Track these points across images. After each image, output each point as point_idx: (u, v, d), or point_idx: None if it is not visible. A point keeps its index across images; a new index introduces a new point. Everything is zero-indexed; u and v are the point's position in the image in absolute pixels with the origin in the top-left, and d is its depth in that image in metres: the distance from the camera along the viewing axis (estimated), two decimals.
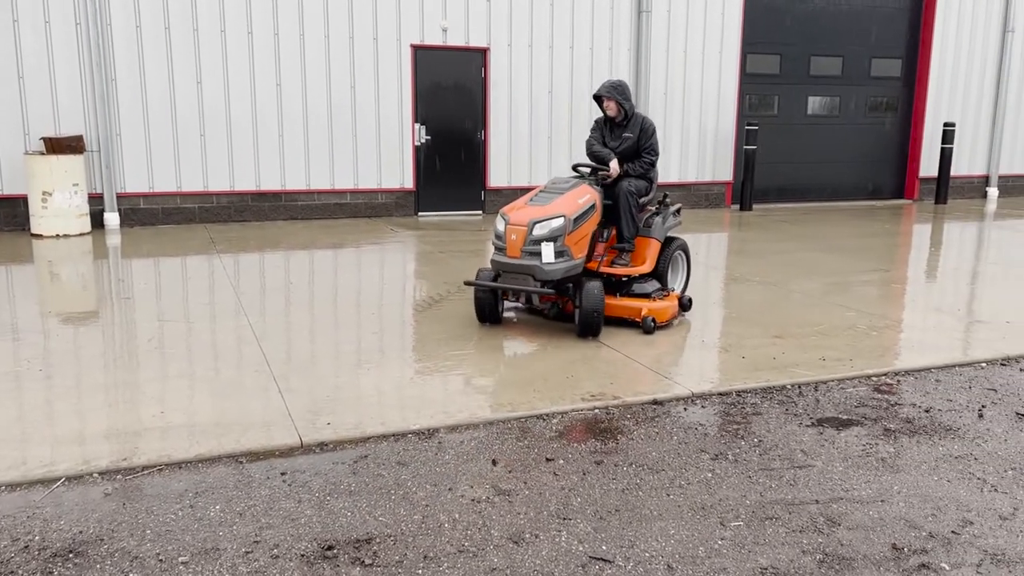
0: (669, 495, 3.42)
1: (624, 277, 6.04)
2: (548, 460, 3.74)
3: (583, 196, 5.78)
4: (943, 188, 14.32)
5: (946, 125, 14.10)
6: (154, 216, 10.60)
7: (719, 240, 10.70)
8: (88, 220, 9.88)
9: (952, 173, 14.49)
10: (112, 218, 10.26)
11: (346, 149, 11.28)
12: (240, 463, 3.65)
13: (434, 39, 11.49)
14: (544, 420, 4.22)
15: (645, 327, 5.73)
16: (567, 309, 5.97)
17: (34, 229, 9.58)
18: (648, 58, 12.49)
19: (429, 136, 11.74)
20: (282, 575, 2.79)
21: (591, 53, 12.32)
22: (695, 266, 8.69)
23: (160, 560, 2.86)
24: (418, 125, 11.63)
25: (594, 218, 5.82)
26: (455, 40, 11.60)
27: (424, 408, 4.31)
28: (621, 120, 6.19)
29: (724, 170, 13.49)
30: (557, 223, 5.53)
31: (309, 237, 9.92)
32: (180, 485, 3.43)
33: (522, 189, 12.15)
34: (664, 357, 5.31)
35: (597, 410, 4.36)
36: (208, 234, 10.00)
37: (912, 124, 14.78)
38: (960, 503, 3.38)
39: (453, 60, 11.70)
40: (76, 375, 4.82)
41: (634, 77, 12.55)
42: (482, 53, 11.77)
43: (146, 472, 3.54)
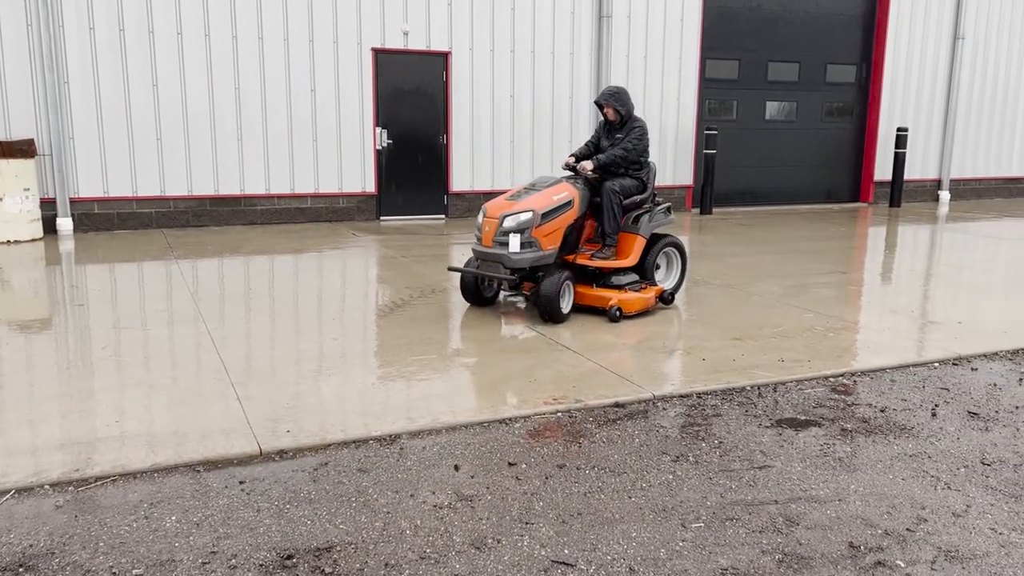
0: (631, 498, 3.44)
1: (597, 269, 6.47)
2: (511, 465, 3.73)
3: (559, 193, 6.29)
4: (897, 192, 14.62)
5: (899, 130, 14.41)
6: (109, 221, 10.40)
7: None
8: (40, 226, 9.66)
9: (905, 177, 14.81)
10: (65, 223, 10.05)
11: (306, 153, 11.18)
12: (197, 472, 3.59)
13: (395, 43, 11.44)
14: (507, 424, 4.21)
15: (610, 315, 6.19)
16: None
17: None
18: (609, 63, 12.57)
19: (391, 140, 11.69)
20: None
21: (552, 57, 12.37)
22: None
23: (113, 573, 2.80)
24: (380, 129, 11.57)
25: (569, 214, 6.30)
26: (416, 44, 11.57)
27: (386, 414, 4.28)
28: (618, 123, 6.70)
29: (684, 174, 13.62)
30: (525, 217, 6.08)
31: (269, 242, 9.81)
32: (135, 496, 3.36)
33: (485, 193, 12.17)
34: (626, 360, 5.34)
35: (559, 413, 4.37)
36: (165, 239, 9.83)
37: (866, 129, 15.08)
38: (915, 501, 3.45)
39: (414, 64, 11.67)
40: (28, 384, 4.70)
41: (595, 81, 12.63)
42: (443, 57, 11.76)
43: (100, 483, 3.46)
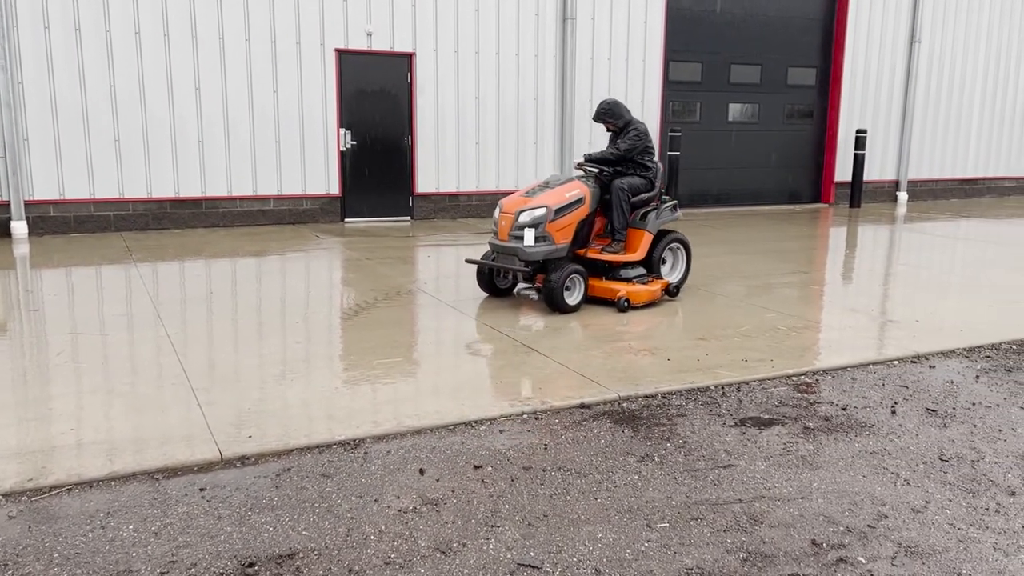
0: (597, 499, 3.44)
1: (607, 263, 6.90)
2: (476, 467, 3.71)
3: (572, 191, 6.72)
4: (857, 192, 14.86)
5: (858, 132, 14.65)
6: (66, 224, 10.18)
7: None
8: None
9: (865, 178, 15.06)
10: (20, 227, 9.82)
11: (269, 154, 11.06)
12: (156, 480, 3.52)
13: (359, 44, 11.36)
14: (472, 427, 4.19)
15: (619, 306, 6.59)
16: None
17: None
18: (573, 65, 12.61)
19: (355, 141, 11.61)
20: None
21: (517, 59, 12.38)
22: None
23: None
24: (343, 130, 11.48)
25: (581, 210, 6.73)
26: (380, 45, 11.50)
27: (350, 418, 4.24)
28: (618, 131, 7.20)
29: None
30: (539, 212, 6.51)
31: (231, 245, 9.67)
32: (91, 505, 3.28)
33: (451, 195, 12.14)
34: (592, 361, 5.35)
35: (526, 415, 4.36)
36: (124, 243, 9.65)
37: (827, 131, 15.31)
38: (875, 497, 3.49)
39: (378, 65, 11.60)
40: None
41: (560, 84, 12.66)
42: (408, 58, 11.70)
43: (55, 492, 3.38)
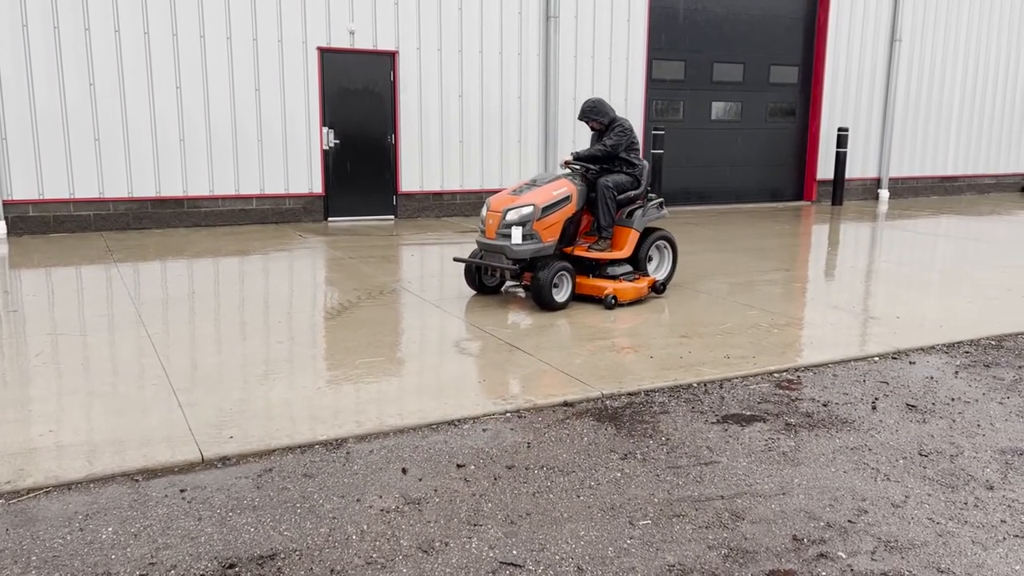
0: (579, 496, 3.44)
1: (594, 261, 6.92)
2: (459, 466, 3.71)
3: (558, 189, 6.73)
4: (839, 190, 14.95)
5: (840, 130, 14.74)
6: (45, 224, 10.08)
7: None
8: None
9: (847, 176, 15.16)
10: None
11: (251, 153, 10.99)
12: (136, 481, 3.49)
13: (341, 42, 11.31)
14: (455, 426, 4.19)
15: (606, 303, 6.63)
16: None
17: None
18: (556, 63, 12.62)
19: (338, 140, 11.56)
20: None
21: (500, 58, 12.36)
22: None
23: None
24: (326, 129, 11.43)
25: (568, 208, 6.74)
26: (363, 43, 11.46)
27: (333, 418, 4.22)
28: (604, 130, 7.22)
29: None
30: (527, 210, 6.53)
31: (213, 244, 9.61)
32: (70, 507, 3.25)
33: (435, 194, 12.12)
34: (575, 360, 5.36)
35: (509, 414, 4.36)
36: (105, 243, 9.57)
37: (809, 129, 15.39)
38: (856, 493, 3.52)
39: (361, 63, 11.55)
40: None
41: (543, 82, 12.66)
42: (391, 56, 11.67)
43: (32, 495, 3.35)
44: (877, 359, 5.47)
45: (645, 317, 6.52)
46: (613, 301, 6.63)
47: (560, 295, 6.58)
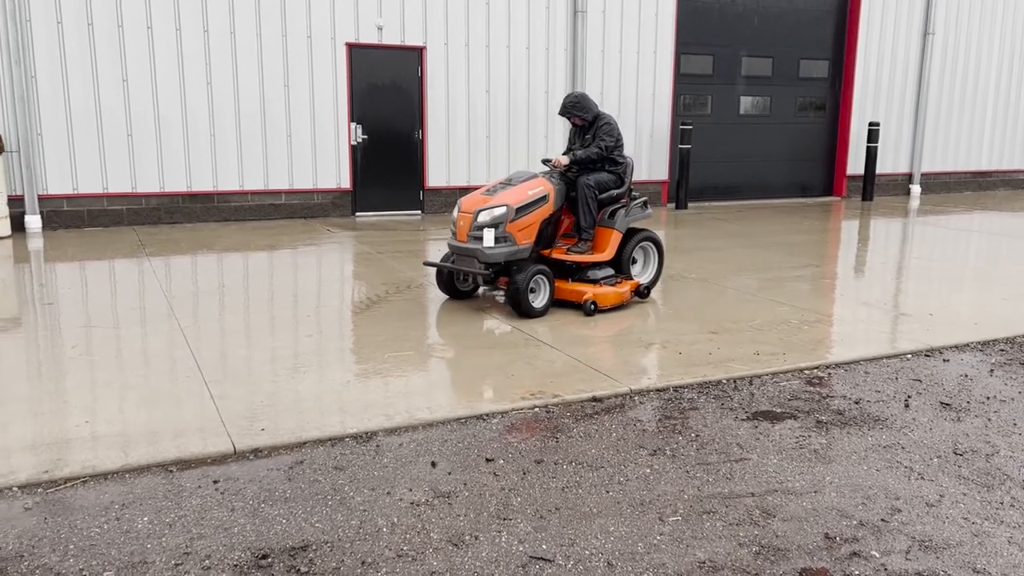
0: (608, 492, 3.44)
1: (574, 264, 6.55)
2: (488, 460, 3.72)
3: (534, 188, 6.35)
4: (869, 185, 14.77)
5: (871, 124, 14.56)
6: (79, 218, 10.24)
7: None
8: (8, 223, 9.48)
9: (877, 171, 14.96)
10: (33, 221, 9.87)
11: (280, 149, 11.08)
12: (170, 472, 3.54)
13: (369, 38, 11.36)
14: (484, 420, 4.19)
15: (585, 309, 6.24)
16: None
17: None
18: (584, 58, 12.57)
19: (366, 136, 11.61)
20: None
21: (528, 53, 12.34)
22: None
23: None
24: (354, 124, 11.48)
25: (544, 208, 6.36)
26: (391, 39, 11.49)
27: (362, 411, 4.25)
28: (587, 126, 6.81)
29: (660, 169, 13.66)
30: (499, 211, 6.13)
31: (243, 239, 9.71)
32: (106, 497, 3.30)
33: (461, 189, 12.13)
34: (603, 354, 5.34)
35: (537, 408, 4.36)
36: (137, 236, 9.70)
37: (839, 123, 15.21)
38: (889, 491, 3.48)
39: (389, 59, 11.59)
40: None
41: (570, 77, 12.63)
42: (418, 52, 11.69)
43: (70, 484, 3.40)
44: (910, 356, 5.40)
45: (673, 312, 6.48)
46: (593, 307, 6.24)
47: (538, 300, 6.21)
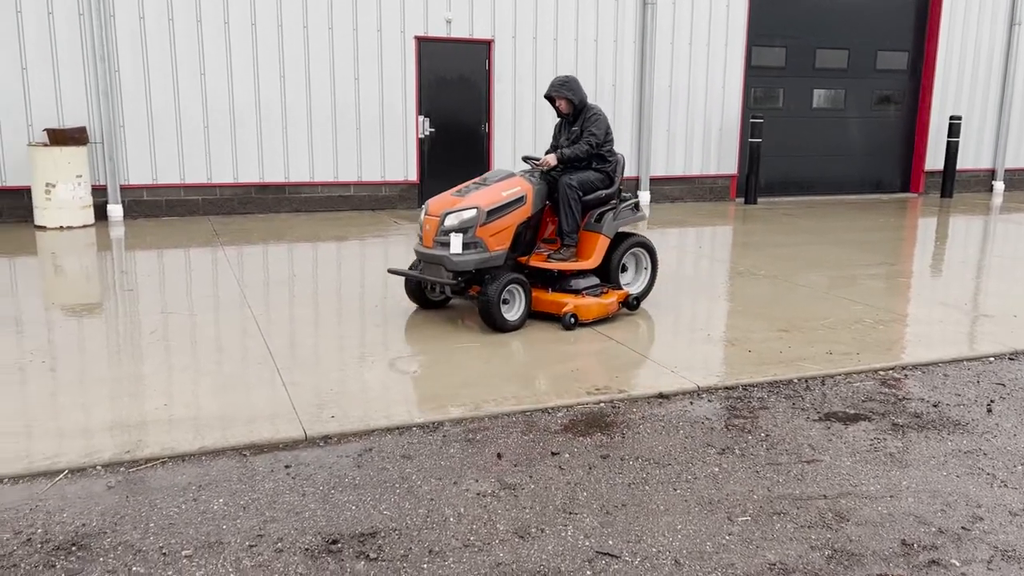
0: (676, 490, 3.40)
1: (557, 271, 5.93)
2: (553, 454, 3.71)
3: (510, 188, 5.75)
4: (949, 182, 14.24)
5: (952, 118, 14.02)
6: (158, 208, 10.58)
7: (724, 233, 10.66)
8: (91, 212, 9.85)
9: (958, 167, 14.41)
10: (115, 210, 10.24)
11: (349, 141, 11.25)
12: (244, 456, 3.63)
13: (438, 31, 11.43)
14: (549, 413, 4.19)
15: (564, 323, 5.63)
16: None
17: (38, 221, 9.56)
18: (653, 50, 12.42)
19: (433, 128, 11.70)
20: (286, 569, 2.77)
21: (596, 45, 12.26)
22: (700, 259, 8.67)
23: (163, 554, 2.84)
24: (422, 117, 11.58)
25: (521, 211, 5.74)
26: (459, 32, 11.55)
27: (428, 401, 4.29)
28: (572, 115, 6.12)
29: (729, 163, 13.42)
30: (468, 215, 5.52)
31: (312, 229, 9.89)
32: (183, 478, 3.41)
33: None
34: (670, 351, 5.28)
35: (602, 403, 4.33)
36: (212, 226, 9.97)
37: (918, 117, 14.69)
38: (970, 499, 3.35)
39: (457, 52, 11.65)
40: (79, 368, 4.80)
41: (639, 69, 12.49)
42: (486, 45, 11.72)
43: (149, 465, 3.52)
44: (992, 359, 5.20)
45: (741, 309, 6.36)
46: (572, 321, 5.63)
47: (512, 313, 5.62)
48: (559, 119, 6.28)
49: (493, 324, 5.52)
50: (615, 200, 6.15)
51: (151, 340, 5.32)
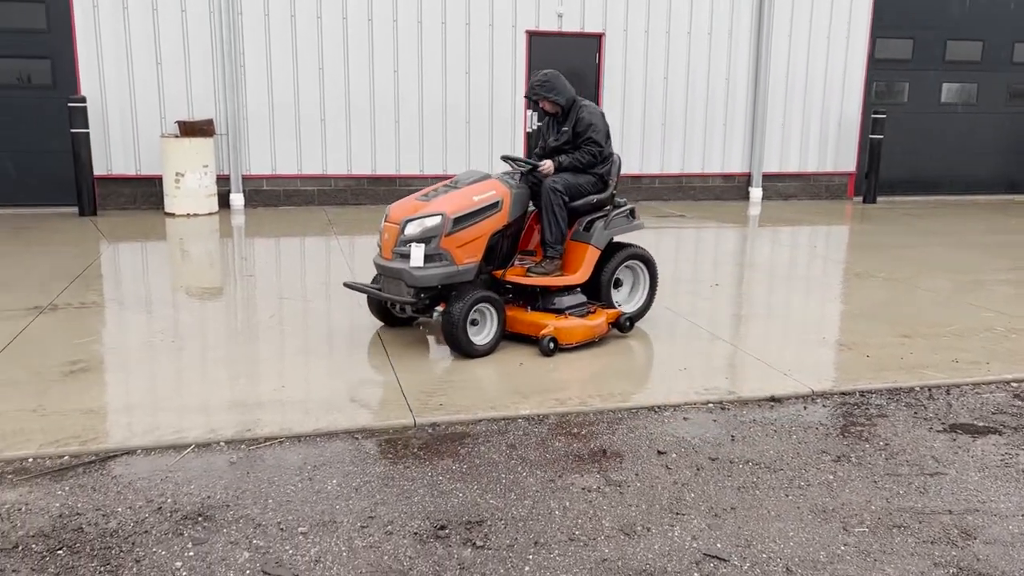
0: (788, 496, 3.29)
1: (539, 288, 5.22)
2: (660, 453, 3.66)
3: (483, 193, 5.02)
4: None
5: None
6: (276, 198, 11.01)
7: (840, 233, 10.26)
8: (216, 200, 10.34)
9: None
10: (237, 199, 10.72)
11: (459, 135, 11.40)
12: (356, 439, 3.74)
13: (549, 25, 11.43)
14: (656, 412, 4.14)
15: (542, 348, 4.91)
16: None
17: (167, 208, 10.11)
18: (769, 43, 12.05)
19: (540, 123, 11.70)
20: (396, 551, 2.83)
21: (709, 38, 11.99)
22: (815, 260, 8.37)
23: (281, 529, 2.96)
24: (531, 112, 11.61)
25: (496, 218, 5.00)
26: (570, 26, 11.51)
27: (534, 394, 4.31)
28: (561, 114, 5.49)
29: (847, 160, 12.90)
30: (431, 222, 4.80)
31: None
32: (299, 458, 3.54)
33: (633, 177, 12.00)
34: (783, 353, 5.12)
35: (711, 404, 4.25)
36: (326, 216, 10.31)
37: None
38: None
39: (568, 46, 11.62)
40: (202, 347, 5.06)
41: (754, 62, 12.15)
42: (597, 39, 11.64)
43: (268, 443, 3.67)
44: None
45: (859, 312, 6.10)
46: (551, 346, 4.89)
47: (481, 336, 4.90)
48: (545, 116, 5.65)
49: (459, 348, 4.82)
50: (608, 206, 5.44)
51: (268, 324, 5.55)
